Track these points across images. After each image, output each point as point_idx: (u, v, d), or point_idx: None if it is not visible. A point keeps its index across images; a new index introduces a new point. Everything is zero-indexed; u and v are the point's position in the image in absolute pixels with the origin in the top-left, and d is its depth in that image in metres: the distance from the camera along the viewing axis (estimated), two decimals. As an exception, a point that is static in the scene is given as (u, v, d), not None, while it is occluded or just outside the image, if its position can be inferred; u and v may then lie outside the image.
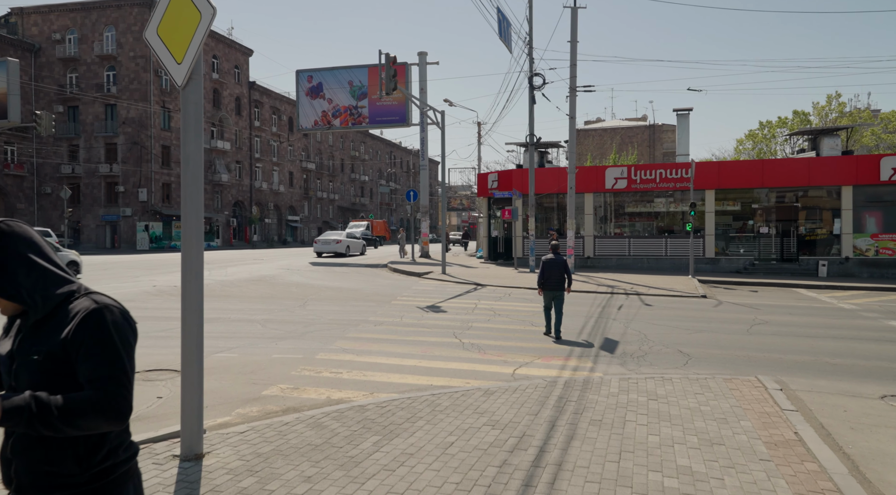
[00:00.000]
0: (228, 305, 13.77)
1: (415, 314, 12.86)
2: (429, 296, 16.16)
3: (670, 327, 11.62)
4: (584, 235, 26.24)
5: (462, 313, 13.10)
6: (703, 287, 19.10)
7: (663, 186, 25.14)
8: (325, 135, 79.82)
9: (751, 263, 24.23)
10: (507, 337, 10.38)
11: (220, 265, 26.61)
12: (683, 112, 28.78)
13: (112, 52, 50.21)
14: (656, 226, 26.15)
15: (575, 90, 22.79)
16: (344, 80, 31.82)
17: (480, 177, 29.92)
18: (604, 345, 9.74)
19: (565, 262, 10.37)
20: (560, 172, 26.43)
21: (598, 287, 18.63)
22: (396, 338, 10.04)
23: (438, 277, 21.27)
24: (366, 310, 13.29)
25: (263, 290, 16.95)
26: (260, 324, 11.31)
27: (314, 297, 15.55)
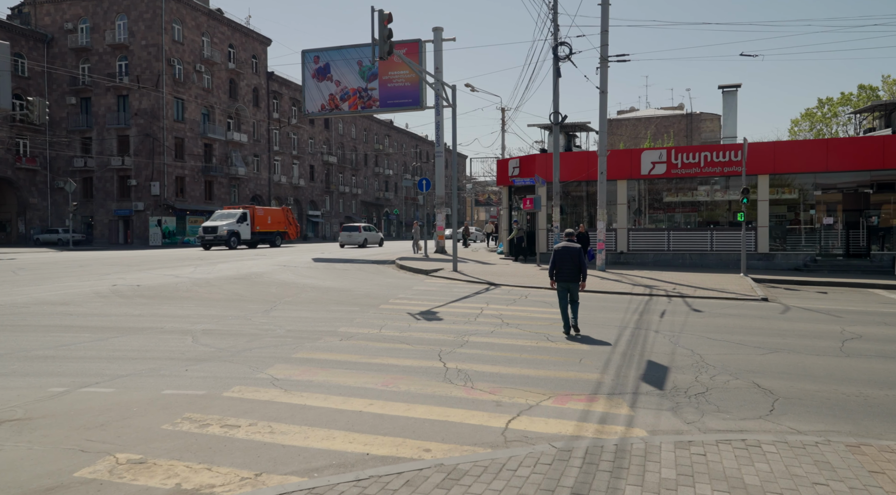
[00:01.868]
0: (177, 310, 11.29)
1: (400, 323, 10.19)
2: (429, 299, 13.47)
3: (733, 344, 8.71)
4: (616, 228, 23.23)
5: (461, 321, 10.38)
6: (761, 287, 16.02)
7: (708, 171, 21.97)
8: (348, 127, 77.70)
9: (812, 259, 20.94)
10: (512, 358, 7.63)
11: (212, 261, 24.35)
12: (730, 89, 25.50)
13: (124, 41, 48.62)
14: (699, 217, 23.00)
15: (606, 60, 19.80)
16: (353, 59, 29.27)
17: (500, 164, 27.07)
18: (646, 374, 6.93)
19: (580, 251, 9.24)
20: (589, 157, 23.44)
21: (634, 287, 15.70)
22: (359, 361, 7.38)
23: (447, 275, 18.57)
24: (341, 318, 10.67)
25: (237, 290, 14.47)
26: (193, 337, 8.76)
27: (290, 300, 13.00)
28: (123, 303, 12.04)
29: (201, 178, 52.75)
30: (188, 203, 50.88)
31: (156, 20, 48.16)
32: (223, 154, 55.47)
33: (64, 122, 50.65)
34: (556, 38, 20.33)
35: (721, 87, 25.56)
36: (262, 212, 40.31)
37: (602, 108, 19.90)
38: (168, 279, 16.93)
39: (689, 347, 8.47)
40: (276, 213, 42.08)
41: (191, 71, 51.34)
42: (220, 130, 54.52)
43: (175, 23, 49.68)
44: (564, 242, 9.40)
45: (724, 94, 25.49)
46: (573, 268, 9.16)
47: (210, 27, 53.85)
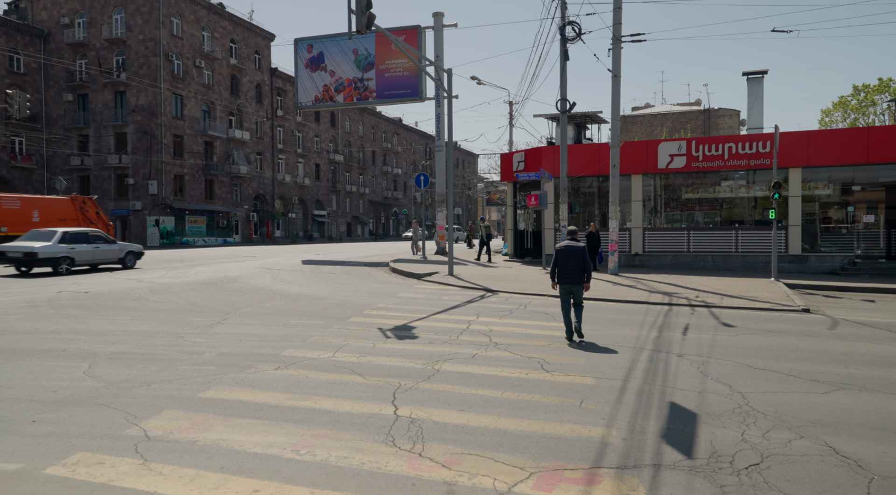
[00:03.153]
0: (103, 324, 9.48)
1: (363, 343, 8.30)
2: (411, 309, 11.58)
3: (782, 375, 6.74)
4: (630, 227, 21.20)
5: (439, 341, 8.47)
6: (797, 295, 13.95)
7: (733, 165, 19.87)
8: (355, 125, 76.06)
9: (850, 262, 18.78)
10: (489, 400, 5.72)
11: (191, 263, 22.64)
12: (756, 75, 23.37)
13: (121, 36, 47.17)
14: (721, 215, 20.92)
15: (620, 40, 17.79)
16: (348, 48, 27.46)
17: (504, 158, 25.09)
18: (670, 427, 4.98)
19: (584, 251, 8.58)
20: (601, 149, 21.43)
21: (651, 294, 13.70)
22: (282, 403, 5.50)
23: (441, 280, 16.66)
24: (295, 335, 8.80)
25: (195, 298, 12.66)
26: (91, 363, 6.93)
27: (248, 310, 11.16)
28: (48, 316, 10.26)
29: (201, 177, 51.24)
30: (188, 202, 49.37)
31: (153, 14, 46.70)
32: (224, 152, 53.95)
33: (61, 119, 49.36)
34: (563, 17, 18.35)
35: (746, 74, 23.43)
36: (19, 204, 26.25)
37: (615, 93, 17.90)
38: (130, 284, 15.20)
39: (724, 380, 6.50)
40: (62, 205, 27.93)
41: (190, 66, 49.84)
42: (221, 128, 52.99)
43: (174, 16, 48.20)
44: (567, 241, 8.72)
45: (748, 82, 23.36)
46: (576, 268, 8.55)
47: (211, 21, 52.34)
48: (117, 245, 20.31)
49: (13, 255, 17.77)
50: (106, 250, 19.67)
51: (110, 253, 19.88)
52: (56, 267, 17.95)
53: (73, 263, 18.49)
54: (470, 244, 35.98)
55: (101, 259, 19.57)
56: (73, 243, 18.61)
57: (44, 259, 17.58)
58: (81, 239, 19.01)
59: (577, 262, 8.50)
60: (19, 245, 17.95)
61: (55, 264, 17.91)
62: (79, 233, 19.13)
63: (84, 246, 18.92)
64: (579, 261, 8.49)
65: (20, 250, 17.60)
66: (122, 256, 20.31)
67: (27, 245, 17.77)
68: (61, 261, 18.05)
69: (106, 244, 19.74)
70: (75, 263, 18.61)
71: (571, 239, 8.73)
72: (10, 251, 17.87)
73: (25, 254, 17.49)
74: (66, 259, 18.17)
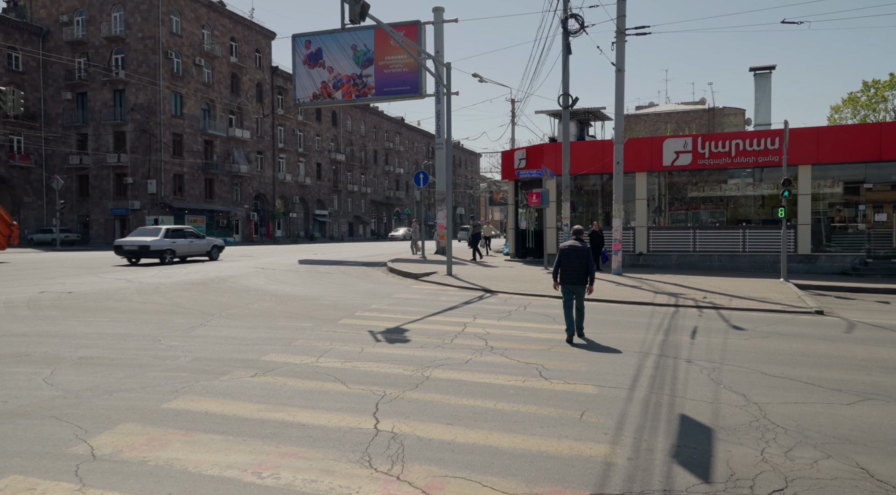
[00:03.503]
0: (79, 327, 8.99)
1: (351, 347, 7.80)
2: (405, 310, 11.07)
3: (800, 384, 6.21)
4: (634, 226, 20.66)
5: (432, 345, 7.97)
6: (808, 296, 13.41)
7: (740, 162, 19.31)
8: (357, 124, 75.62)
9: (861, 261, 18.21)
10: (481, 411, 5.21)
11: (188, 263, 22.16)
12: (763, 71, 22.81)
13: (120, 34, 46.77)
14: (728, 214, 20.36)
15: (624, 33, 17.26)
16: (346, 44, 26.97)
17: (505, 156, 24.54)
18: (681, 444, 4.46)
19: (588, 252, 8.27)
20: (604, 146, 20.90)
21: (657, 295, 13.17)
22: (252, 415, 5.00)
23: (439, 280, 16.15)
24: (280, 338, 8.31)
25: (182, 299, 12.18)
26: (55, 369, 6.45)
27: (234, 312, 10.67)
28: (24, 317, 9.79)
29: (201, 176, 50.83)
30: (187, 202, 48.96)
31: (153, 12, 46.29)
32: (224, 151, 53.53)
33: (60, 118, 49.00)
34: (565, 9, 17.82)
35: (753, 69, 22.87)
36: None
37: (618, 88, 17.37)
38: (118, 284, 14.73)
39: (738, 389, 5.98)
40: None
41: (190, 64, 49.43)
42: (220, 126, 52.57)
43: (173, 14, 47.80)
44: (571, 241, 8.43)
45: (756, 77, 22.80)
46: (580, 269, 8.26)
47: (210, 19, 51.93)
48: (205, 240, 23.91)
49: (129, 248, 20.99)
50: (198, 244, 23.19)
51: (201, 246, 23.41)
52: (162, 258, 21.20)
53: (174, 255, 21.79)
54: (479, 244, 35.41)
55: (195, 251, 23.03)
56: (175, 238, 21.97)
57: (154, 251, 20.89)
58: (180, 234, 22.49)
59: (580, 263, 8.23)
60: (134, 240, 21.26)
61: (161, 255, 21.19)
62: (177, 230, 22.64)
63: (182, 240, 22.29)
64: (583, 262, 8.22)
65: (136, 244, 20.95)
66: (209, 249, 23.90)
67: (140, 240, 21.16)
68: (166, 253, 21.33)
69: (197, 239, 23.29)
70: (176, 255, 21.91)
71: (576, 238, 8.45)
72: (126, 245, 21.14)
73: (140, 247, 20.81)
74: (169, 251, 21.47)
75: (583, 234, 8.60)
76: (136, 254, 20.89)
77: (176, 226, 22.75)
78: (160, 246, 21.13)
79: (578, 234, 8.52)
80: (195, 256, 23.40)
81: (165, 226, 22.72)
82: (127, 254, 21.05)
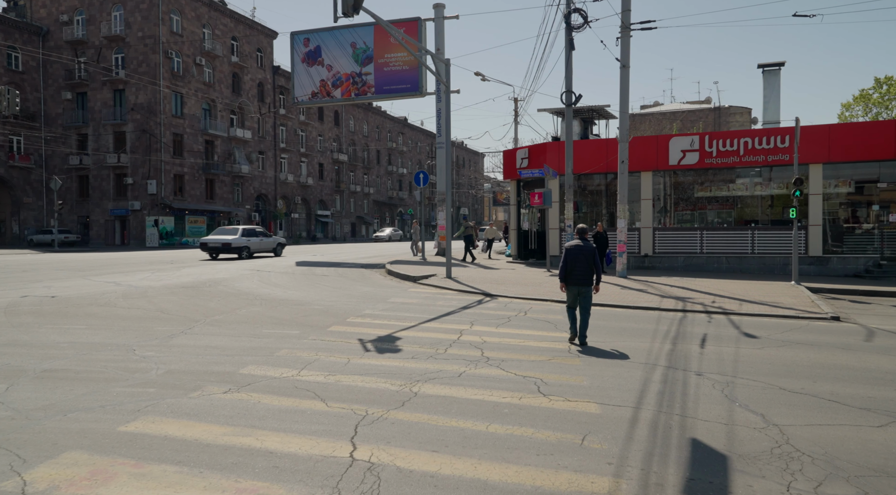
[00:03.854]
0: (51, 335, 8.52)
1: (337, 358, 7.30)
2: (400, 316, 10.57)
3: (824, 402, 5.68)
4: (639, 227, 20.11)
5: (424, 355, 7.46)
6: (822, 300, 12.85)
7: (749, 161, 18.74)
8: (360, 124, 75.19)
9: (875, 264, 17.63)
10: (471, 435, 4.70)
11: (180, 265, 21.73)
12: (772, 67, 22.20)
13: (120, 33, 46.43)
14: (735, 214, 19.79)
15: (629, 28, 16.73)
16: (346, 41, 26.49)
17: (506, 155, 24.01)
18: (694, 477, 3.94)
19: (594, 251, 8.12)
20: (609, 145, 20.35)
21: (663, 299, 12.63)
22: (216, 440, 4.50)
23: (438, 283, 15.64)
24: (264, 347, 7.82)
25: (168, 303, 11.71)
26: (11, 384, 5.96)
27: (220, 318, 10.19)
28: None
29: (202, 176, 50.45)
30: (188, 202, 48.59)
31: (153, 11, 45.93)
32: (225, 151, 53.14)
33: (60, 118, 48.70)
34: (568, 4, 17.30)
35: (761, 66, 22.26)
36: None
37: (623, 84, 16.83)
38: (106, 287, 14.28)
39: (754, 408, 5.45)
40: None
41: (190, 64, 49.06)
42: (221, 126, 52.18)
43: (173, 13, 47.44)
44: (577, 240, 8.22)
45: (764, 74, 22.19)
46: (586, 269, 8.10)
47: (211, 19, 51.56)
48: (272, 238, 27.56)
49: (213, 246, 25.01)
50: (266, 241, 26.88)
51: (269, 244, 27.18)
52: (240, 254, 24.82)
53: (249, 251, 25.33)
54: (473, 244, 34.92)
55: (264, 248, 26.71)
56: (249, 237, 25.58)
57: (234, 247, 24.71)
58: (253, 233, 26.07)
59: (587, 263, 8.07)
60: (217, 238, 25.30)
61: (239, 251, 24.81)
62: (251, 229, 26.21)
63: (255, 238, 25.97)
64: (590, 261, 8.07)
65: (219, 242, 24.93)
66: (274, 247, 27.67)
67: (222, 238, 25.15)
68: (243, 250, 24.98)
69: (266, 237, 26.97)
70: (251, 251, 25.45)
71: (581, 238, 8.22)
72: (210, 243, 25.14)
73: (223, 245, 24.74)
74: (246, 248, 25.12)
75: (587, 234, 8.34)
76: (219, 250, 24.74)
77: (250, 226, 26.34)
78: (239, 243, 24.74)
79: (583, 234, 8.28)
80: (264, 253, 26.53)
81: (242, 226, 26.74)
82: (211, 250, 24.90)
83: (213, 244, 24.96)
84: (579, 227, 8.36)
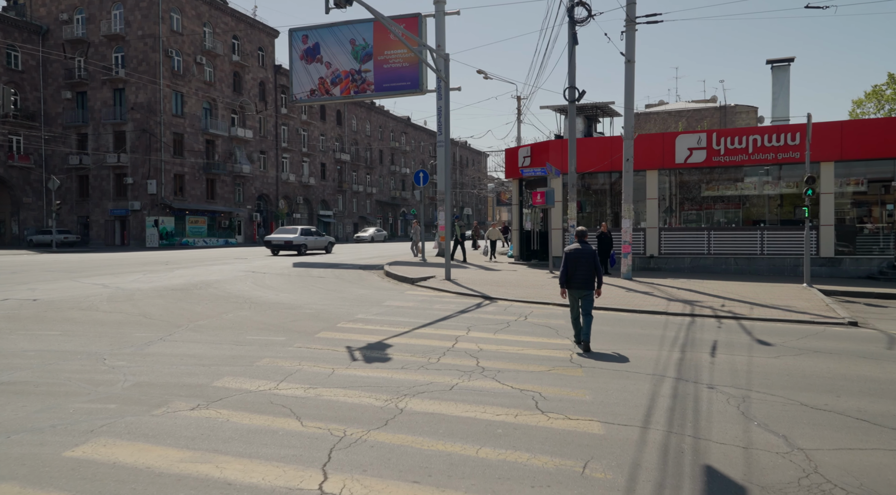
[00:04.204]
0: (22, 342, 8.03)
1: (321, 368, 6.79)
2: (393, 321, 10.06)
3: (850, 420, 5.14)
4: (645, 227, 19.56)
5: (414, 365, 6.95)
6: (836, 303, 12.29)
7: (758, 159, 18.17)
8: (362, 124, 74.71)
9: (889, 265, 17.04)
10: (459, 460, 4.19)
11: (176, 265, 21.27)
12: (781, 63, 21.63)
13: (120, 32, 46.04)
14: (743, 214, 19.22)
15: (634, 21, 16.18)
16: (345, 38, 26.01)
17: (508, 153, 23.46)
18: (712, 518, 3.42)
19: (594, 254, 7.94)
20: (613, 143, 19.80)
21: (670, 303, 12.09)
22: (166, 469, 3.99)
23: (436, 285, 15.13)
24: (245, 356, 7.32)
25: (152, 307, 11.22)
26: (-37, 399, 5.47)
27: (204, 323, 9.69)
28: (-32, 329, 8.84)
29: (202, 176, 50.03)
30: (188, 202, 48.17)
31: (152, 9, 45.52)
32: (226, 151, 52.72)
33: (60, 118, 48.34)
34: (571, -3, 16.74)
35: (770, 62, 21.70)
36: None
37: (628, 80, 16.28)
38: (93, 289, 13.81)
39: (774, 427, 4.92)
40: None
41: (191, 63, 48.65)
42: (222, 126, 51.75)
43: (173, 12, 47.03)
44: (577, 244, 8.07)
45: (773, 70, 21.62)
46: (587, 273, 7.91)
47: (212, 17, 51.13)
48: (324, 237, 30.76)
49: (276, 243, 28.10)
50: (319, 240, 30.06)
51: (321, 242, 30.36)
52: (299, 250, 27.82)
53: (307, 248, 28.31)
54: (475, 245, 34.46)
55: (318, 246, 29.91)
56: (307, 236, 28.76)
57: (295, 245, 27.83)
58: (309, 233, 29.21)
59: (588, 267, 7.90)
60: (280, 237, 28.51)
61: (299, 249, 27.91)
62: (307, 229, 29.39)
63: (311, 237, 29.18)
64: (590, 265, 7.90)
65: (282, 240, 28.03)
66: (326, 245, 30.74)
67: (284, 237, 28.43)
68: (302, 247, 28.08)
69: (319, 237, 30.18)
70: (308, 248, 28.49)
71: (581, 241, 8.08)
72: (274, 241, 28.22)
73: (286, 243, 27.86)
74: (304, 245, 28.16)
75: (586, 236, 8.19)
76: (281, 247, 27.79)
77: (307, 226, 29.74)
78: (298, 241, 27.95)
79: (582, 237, 8.13)
80: (317, 250, 29.55)
81: (300, 226, 29.40)
82: (274, 247, 27.92)
83: (277, 242, 27.94)
84: (578, 230, 8.23)
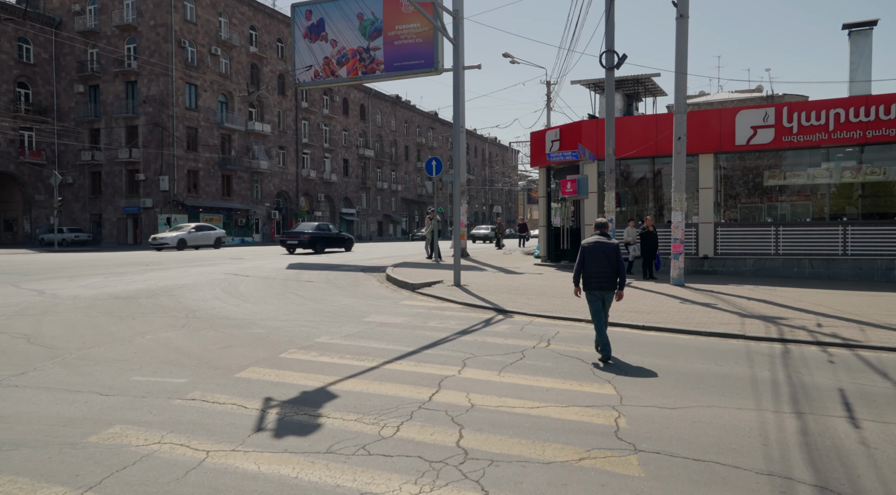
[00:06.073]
0: None
1: (190, 453, 3.96)
2: (362, 348, 7.21)
3: None
4: (697, 222, 16.38)
5: (346, 449, 4.08)
6: (976, 323, 9.02)
7: (841, 138, 14.85)
8: (387, 118, 72.22)
9: None
10: None
11: (157, 267, 18.84)
12: (861, 27, 18.16)
13: (132, 22, 44.27)
14: (814, 206, 15.90)
15: (687, -34, 13.03)
16: (352, 12, 23.33)
17: (534, 137, 20.28)
18: None
19: (616, 249, 6.71)
20: (658, 121, 16.65)
21: (745, 320, 8.99)
22: None
23: (441, 293, 12.23)
24: (92, 419, 4.56)
25: (62, 323, 8.59)
26: None
27: (97, 352, 7.00)
28: None
29: (218, 172, 48.02)
30: (202, 199, 46.22)
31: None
32: (243, 146, 50.67)
33: (72, 112, 46.86)
34: (609, -60, 13.67)
35: (847, 26, 18.25)
36: None
37: (680, 39, 13.14)
38: (18, 297, 11.33)
39: None
40: None
41: (205, 54, 46.64)
42: (239, 120, 49.69)
43: (187, 1, 45.06)
44: (596, 236, 6.88)
45: (851, 35, 18.17)
46: (609, 270, 6.73)
47: (228, 7, 49.08)
48: (343, 236, 31.19)
49: (291, 242, 27.56)
50: (337, 238, 30.14)
51: (341, 240, 30.54)
52: (315, 248, 27.51)
53: (322, 246, 28.15)
54: (499, 244, 31.49)
55: (336, 245, 29.99)
56: (321, 232, 28.69)
57: (307, 243, 27.42)
58: (325, 230, 29.40)
59: (609, 263, 6.75)
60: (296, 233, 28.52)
61: (314, 246, 27.46)
62: (323, 226, 29.65)
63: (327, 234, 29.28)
64: (612, 261, 6.76)
65: (297, 237, 27.63)
66: (345, 242, 30.88)
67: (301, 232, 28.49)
68: (318, 244, 27.93)
69: (338, 235, 30.63)
70: (325, 245, 28.59)
71: (601, 233, 6.94)
72: (289, 239, 27.84)
73: (300, 241, 27.37)
74: (318, 243, 28.02)
75: (607, 229, 7.06)
76: (297, 245, 27.51)
77: (323, 224, 30.01)
78: (306, 238, 27.61)
79: (603, 229, 7.00)
80: (336, 248, 29.81)
81: (315, 223, 29.68)
82: (289, 245, 27.61)
83: (292, 241, 27.91)
84: (598, 221, 7.07)
